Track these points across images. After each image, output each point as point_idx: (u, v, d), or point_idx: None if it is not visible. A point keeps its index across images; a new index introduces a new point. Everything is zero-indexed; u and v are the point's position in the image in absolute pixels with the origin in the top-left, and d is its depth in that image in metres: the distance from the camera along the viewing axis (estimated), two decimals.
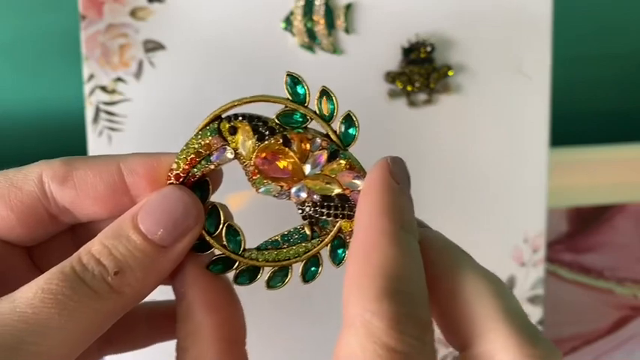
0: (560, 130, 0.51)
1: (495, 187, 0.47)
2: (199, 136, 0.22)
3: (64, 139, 0.54)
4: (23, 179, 0.23)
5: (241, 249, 0.22)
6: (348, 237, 0.22)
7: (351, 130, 0.22)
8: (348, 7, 0.43)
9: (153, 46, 0.42)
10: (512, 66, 0.45)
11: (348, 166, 0.21)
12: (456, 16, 0.44)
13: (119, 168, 0.23)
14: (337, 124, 0.22)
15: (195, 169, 0.22)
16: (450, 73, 0.44)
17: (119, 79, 0.42)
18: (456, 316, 0.20)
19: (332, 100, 0.22)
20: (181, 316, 0.22)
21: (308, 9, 0.42)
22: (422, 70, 0.44)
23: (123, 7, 0.41)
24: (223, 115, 0.23)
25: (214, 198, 0.23)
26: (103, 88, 0.42)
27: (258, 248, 0.22)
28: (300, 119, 0.22)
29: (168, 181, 0.22)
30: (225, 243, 0.22)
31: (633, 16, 0.59)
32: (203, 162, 0.22)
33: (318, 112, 0.22)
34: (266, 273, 0.22)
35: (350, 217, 0.21)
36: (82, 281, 0.20)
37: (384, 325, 0.18)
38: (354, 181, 0.22)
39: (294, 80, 0.22)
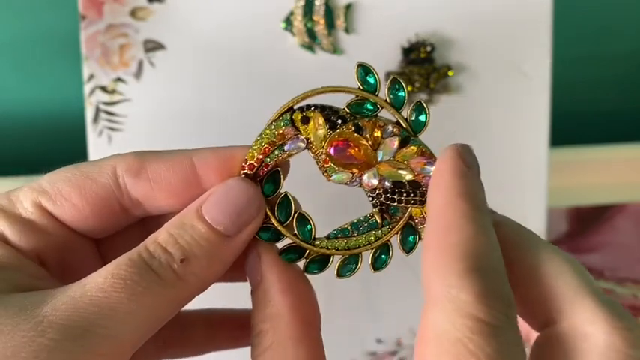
0: (560, 130, 0.51)
1: (495, 186, 0.47)
2: (273, 127, 0.22)
3: (64, 139, 0.54)
4: (98, 172, 0.23)
5: (312, 237, 0.22)
6: (419, 224, 0.22)
7: (421, 117, 0.22)
8: (348, 7, 0.43)
9: (153, 46, 0.42)
10: (513, 66, 0.45)
11: (419, 153, 0.22)
12: (456, 17, 0.44)
13: (192, 161, 0.23)
14: (407, 112, 0.22)
15: (269, 159, 0.22)
16: (450, 73, 0.44)
17: (119, 79, 0.42)
18: (537, 295, 0.20)
19: (402, 88, 0.22)
20: (258, 303, 0.22)
21: (308, 9, 0.42)
22: (422, 70, 0.44)
23: (123, 7, 0.41)
24: (295, 106, 0.23)
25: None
26: (103, 88, 0.42)
27: (328, 237, 0.22)
28: (372, 107, 0.22)
29: (242, 172, 0.22)
30: (296, 232, 0.22)
31: (633, 17, 0.59)
32: (276, 152, 0.22)
33: (388, 100, 0.22)
34: (336, 261, 0.22)
35: (422, 204, 0.22)
36: (150, 268, 0.21)
37: (472, 298, 0.18)
38: (426, 167, 0.22)
39: (366, 70, 0.23)
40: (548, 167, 0.46)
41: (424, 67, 0.44)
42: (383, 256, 0.22)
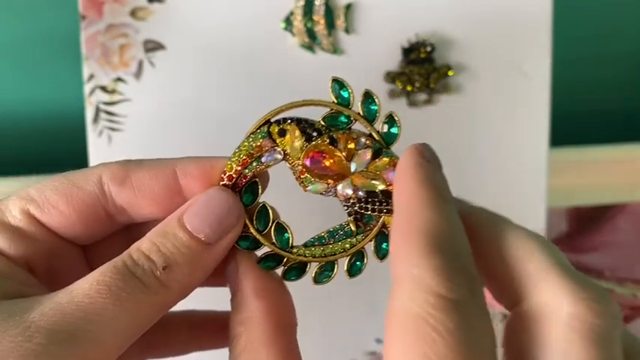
0: (560, 129, 0.51)
1: (495, 186, 0.47)
2: (251, 139, 0.23)
3: (64, 139, 0.54)
4: (84, 180, 0.24)
5: (289, 246, 0.23)
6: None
7: (393, 130, 0.23)
8: (348, 7, 0.43)
9: (153, 46, 0.42)
10: (513, 66, 0.45)
11: (391, 164, 0.23)
12: (456, 17, 0.44)
13: (174, 170, 0.24)
14: (380, 124, 0.23)
15: (247, 170, 0.23)
16: (450, 73, 0.44)
17: (119, 79, 0.42)
18: (505, 275, 0.21)
19: (375, 101, 0.23)
20: (235, 307, 0.23)
21: (308, 9, 0.42)
22: (422, 70, 0.44)
23: (123, 7, 0.41)
24: (272, 119, 0.23)
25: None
26: (103, 88, 0.42)
27: (305, 245, 0.23)
28: (345, 120, 0.23)
29: (221, 182, 0.23)
30: (274, 240, 0.23)
31: (633, 17, 0.59)
32: (254, 163, 0.23)
33: (361, 113, 0.23)
34: (313, 268, 0.23)
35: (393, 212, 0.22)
36: (133, 275, 0.22)
37: (433, 275, 0.18)
38: None
39: (340, 84, 0.23)
40: (548, 167, 0.47)
41: (424, 67, 0.44)
42: (358, 262, 0.23)
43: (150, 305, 0.22)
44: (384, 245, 0.23)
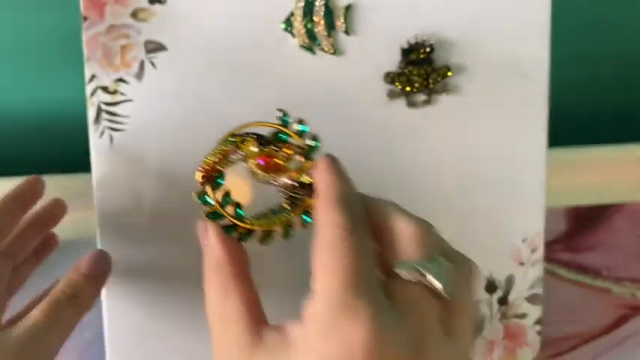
0: (559, 130, 0.51)
1: (494, 186, 0.47)
2: (223, 145, 0.32)
3: (66, 140, 0.55)
4: None
5: (242, 218, 0.32)
6: (311, 209, 0.32)
7: (316, 144, 0.33)
8: (348, 8, 0.43)
9: (154, 47, 0.42)
10: (511, 67, 0.45)
11: (314, 165, 0.32)
12: (455, 17, 0.44)
13: None
14: (308, 140, 0.33)
15: (218, 166, 0.32)
16: (449, 73, 0.44)
17: (121, 80, 0.42)
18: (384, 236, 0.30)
19: (305, 125, 0.33)
20: (205, 255, 0.31)
21: (308, 10, 0.43)
22: (421, 71, 0.44)
23: (124, 8, 0.42)
24: (237, 132, 0.33)
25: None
26: (105, 89, 0.42)
27: (254, 217, 0.32)
28: (285, 137, 0.33)
29: (201, 173, 0.32)
30: (232, 214, 0.32)
31: (632, 17, 0.59)
32: (224, 161, 0.32)
33: (296, 132, 0.33)
34: (258, 234, 0.32)
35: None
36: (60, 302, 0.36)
37: (339, 217, 0.28)
38: None
39: (284, 112, 0.33)
40: (546, 167, 0.47)
41: (423, 67, 0.44)
42: (290, 230, 0.32)
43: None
44: (306, 218, 0.32)
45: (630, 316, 0.60)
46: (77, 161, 0.48)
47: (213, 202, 0.31)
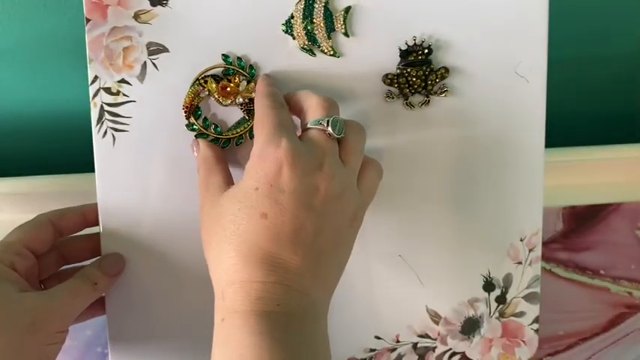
0: (556, 130, 0.51)
1: (492, 186, 0.47)
2: (193, 87, 0.43)
3: (69, 140, 0.55)
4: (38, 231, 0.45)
5: (220, 133, 0.44)
6: None
7: (253, 71, 0.43)
8: (348, 10, 0.43)
9: (156, 49, 0.42)
10: (509, 68, 0.45)
11: (254, 87, 0.43)
12: (454, 19, 0.44)
13: (50, 223, 0.44)
14: (247, 70, 0.43)
15: (194, 102, 0.43)
16: (447, 75, 0.44)
17: (123, 81, 0.42)
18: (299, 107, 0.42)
19: (242, 60, 0.43)
20: (197, 159, 0.43)
21: (308, 12, 0.43)
22: (419, 72, 0.44)
23: (127, 10, 0.42)
24: (199, 77, 0.43)
25: None
26: (107, 90, 0.42)
27: (228, 130, 0.44)
28: (232, 71, 0.43)
29: (185, 108, 0.43)
30: (214, 132, 0.43)
31: (629, 19, 0.59)
32: (196, 98, 0.43)
33: (237, 67, 0.43)
34: (235, 140, 0.44)
35: None
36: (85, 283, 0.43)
37: (274, 119, 0.39)
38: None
39: (226, 56, 0.43)
40: (544, 167, 0.47)
41: (422, 69, 0.44)
42: (252, 133, 0.43)
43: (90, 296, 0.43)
44: None
45: (628, 314, 0.60)
46: (80, 161, 0.49)
47: (198, 127, 0.43)
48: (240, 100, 0.43)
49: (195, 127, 0.43)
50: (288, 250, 0.37)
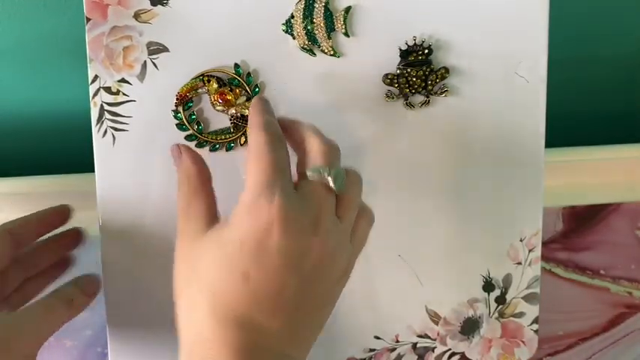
0: (556, 130, 0.51)
1: (492, 187, 0.47)
2: (193, 81, 0.43)
3: (69, 140, 0.55)
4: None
5: (204, 133, 0.44)
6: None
7: (257, 90, 0.43)
8: (348, 10, 0.43)
9: (156, 48, 0.42)
10: (509, 68, 0.45)
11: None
12: (454, 19, 0.44)
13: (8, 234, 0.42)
14: (252, 87, 0.44)
15: (189, 94, 0.43)
16: (447, 75, 0.44)
17: (123, 81, 0.42)
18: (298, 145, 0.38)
19: (251, 75, 0.43)
20: (177, 166, 0.40)
21: (308, 12, 0.43)
22: (419, 72, 0.44)
23: (127, 9, 0.42)
24: (206, 73, 0.43)
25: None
26: (108, 89, 0.42)
27: (209, 133, 0.44)
28: (237, 82, 0.43)
29: (177, 98, 0.43)
30: (195, 130, 0.43)
31: (628, 20, 0.60)
32: (192, 92, 0.43)
33: (245, 80, 0.43)
34: (210, 145, 0.44)
35: None
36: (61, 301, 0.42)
37: (265, 138, 0.36)
38: None
39: (237, 66, 0.43)
40: (544, 167, 0.47)
41: (422, 69, 0.44)
42: (232, 145, 0.44)
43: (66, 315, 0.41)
44: (245, 139, 0.44)
45: (628, 314, 0.61)
46: (80, 161, 0.49)
47: (182, 117, 0.43)
48: (233, 111, 0.43)
49: (179, 116, 0.43)
50: (267, 315, 0.34)
